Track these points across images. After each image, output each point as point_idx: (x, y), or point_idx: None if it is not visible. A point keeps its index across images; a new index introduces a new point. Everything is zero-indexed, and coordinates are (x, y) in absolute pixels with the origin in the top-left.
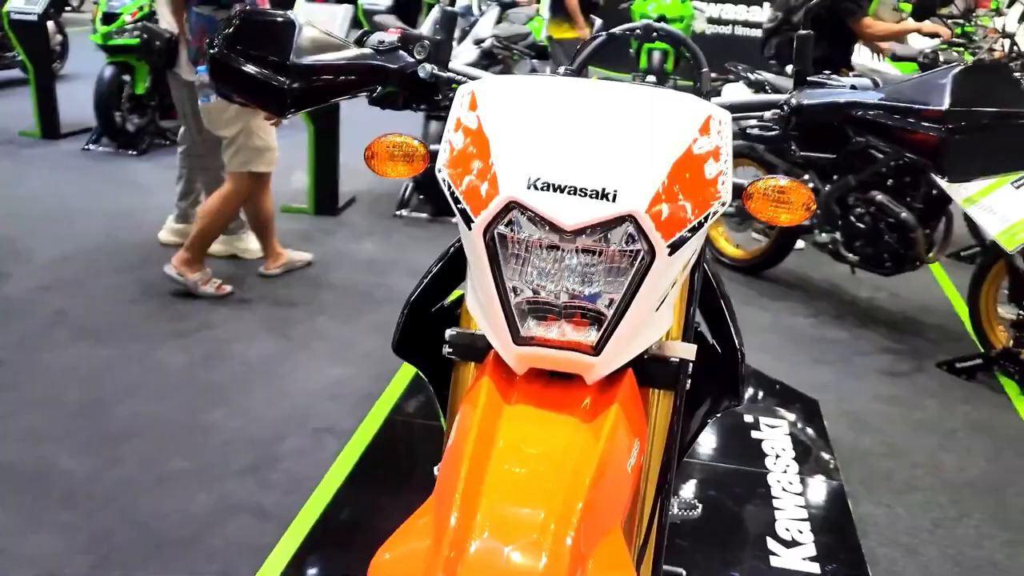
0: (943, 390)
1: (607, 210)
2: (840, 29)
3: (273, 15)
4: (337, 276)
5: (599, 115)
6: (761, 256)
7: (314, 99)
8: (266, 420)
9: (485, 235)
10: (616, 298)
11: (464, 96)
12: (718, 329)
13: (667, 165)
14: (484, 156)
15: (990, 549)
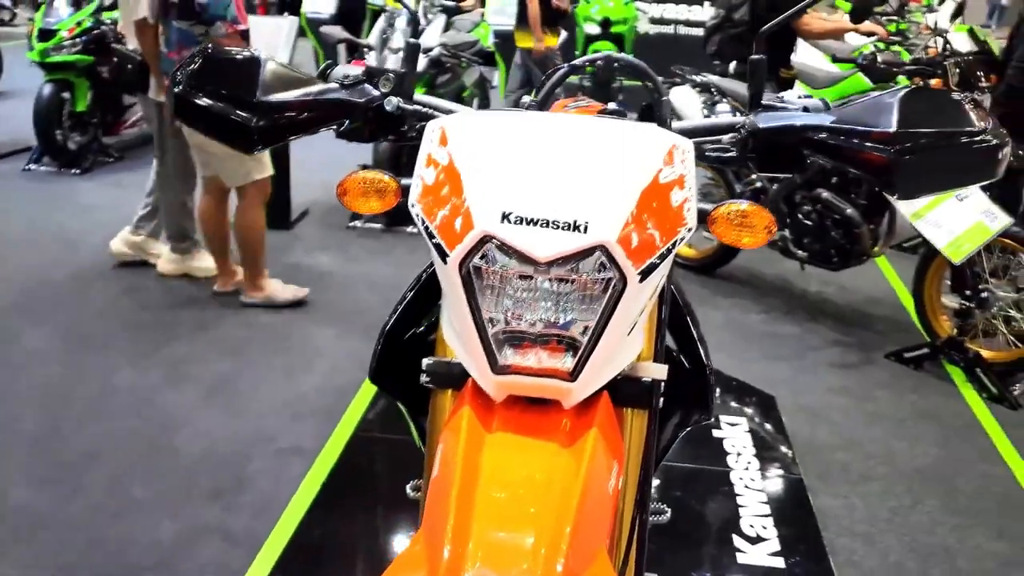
0: (892, 380)
1: (579, 241)
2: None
3: (236, 52)
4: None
5: (567, 149)
6: (713, 255)
7: (281, 135)
8: (230, 441)
9: (461, 268)
10: (590, 325)
11: (434, 132)
12: (684, 344)
13: (635, 195)
14: (457, 191)
15: (942, 534)
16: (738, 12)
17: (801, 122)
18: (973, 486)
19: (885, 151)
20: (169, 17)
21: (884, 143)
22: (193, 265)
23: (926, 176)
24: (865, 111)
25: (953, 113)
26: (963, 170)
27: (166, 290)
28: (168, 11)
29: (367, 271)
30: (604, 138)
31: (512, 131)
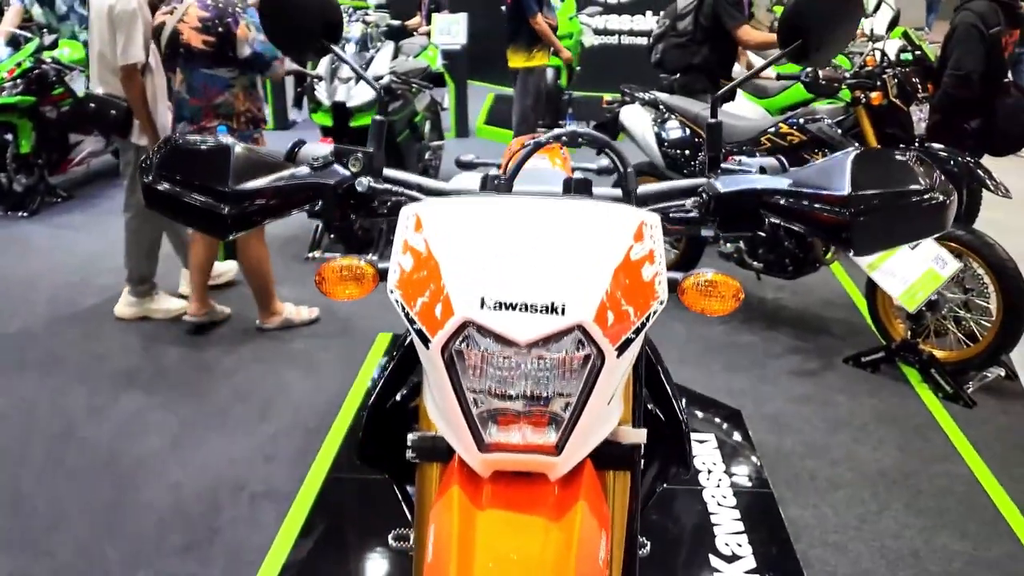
0: (851, 384)
1: (557, 323)
2: (720, 37)
3: (204, 142)
4: (250, 329)
5: (540, 232)
6: (673, 267)
7: (254, 221)
8: (199, 491)
9: (443, 353)
10: (572, 400)
11: (409, 218)
12: (659, 400)
13: (608, 274)
14: (435, 278)
15: (910, 537)
16: (682, 22)
17: (760, 185)
18: (935, 486)
19: (840, 213)
20: (192, 65)
21: (839, 206)
22: (152, 307)
23: (880, 234)
24: (819, 174)
25: (901, 173)
26: (914, 227)
27: (123, 335)
28: (190, 60)
29: (327, 303)
30: (575, 220)
31: (485, 217)
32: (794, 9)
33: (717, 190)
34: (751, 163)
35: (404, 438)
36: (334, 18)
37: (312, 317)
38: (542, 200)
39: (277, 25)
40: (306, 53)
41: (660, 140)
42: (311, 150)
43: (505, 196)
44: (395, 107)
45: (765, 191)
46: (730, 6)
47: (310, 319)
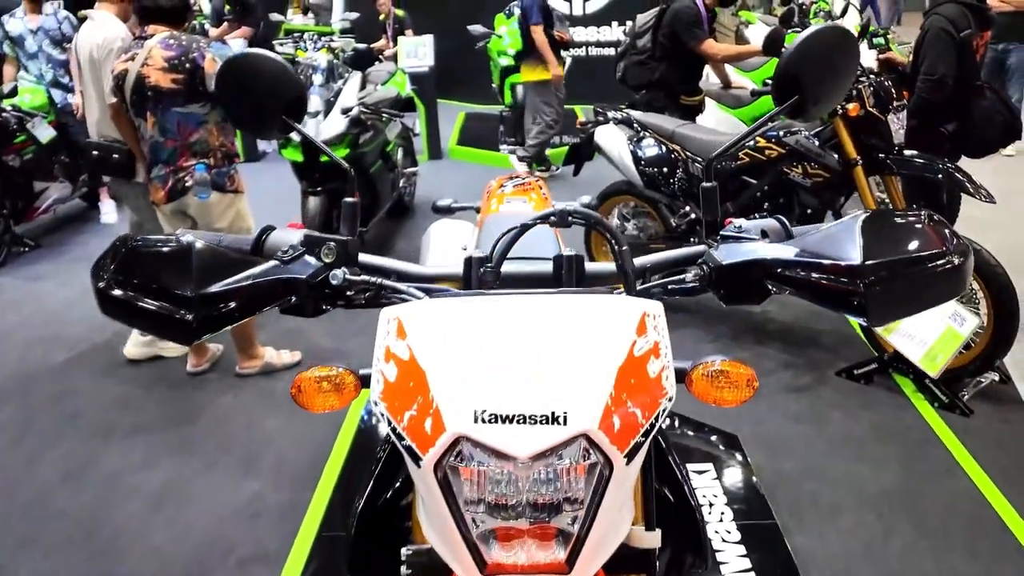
0: (846, 399)
1: (559, 434)
2: (679, 55)
3: (164, 243)
4: (229, 375)
5: (534, 334)
6: None
7: (222, 323)
8: (184, 557)
9: (436, 472)
10: (580, 514)
11: (390, 323)
12: (669, 482)
13: (611, 375)
14: (422, 389)
15: (919, 562)
16: (641, 40)
17: (764, 255)
18: (940, 504)
19: (853, 284)
20: (163, 105)
21: (852, 276)
22: (162, 345)
23: (896, 303)
24: (827, 240)
25: (914, 236)
26: (931, 293)
27: (98, 390)
28: (160, 100)
29: (306, 345)
30: (571, 318)
31: (473, 320)
32: (788, 64)
33: (718, 262)
34: (751, 227)
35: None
36: (296, 93)
37: (294, 360)
38: (533, 298)
39: (236, 105)
40: (268, 132)
41: (637, 159)
42: (280, 239)
43: (492, 297)
44: (366, 138)
45: (769, 261)
46: (689, 25)
47: (292, 362)
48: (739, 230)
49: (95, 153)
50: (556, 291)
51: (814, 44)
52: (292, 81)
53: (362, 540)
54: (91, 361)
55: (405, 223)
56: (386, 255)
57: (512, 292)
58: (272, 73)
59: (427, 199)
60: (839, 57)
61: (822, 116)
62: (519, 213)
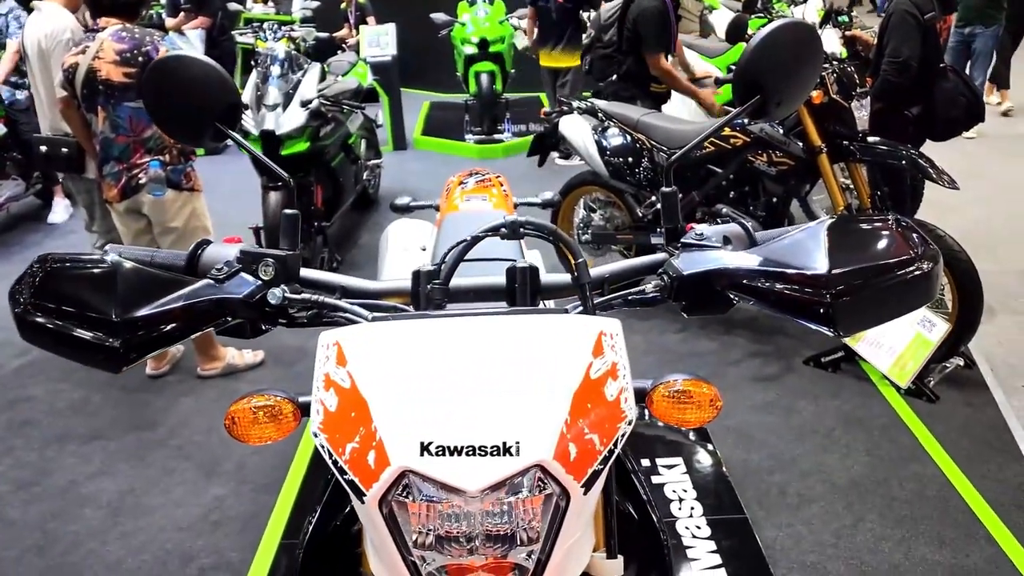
0: (813, 387)
1: (512, 466)
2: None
3: (87, 263)
4: (190, 377)
5: (483, 359)
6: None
7: (151, 348)
8: (144, 568)
9: (381, 508)
10: (535, 548)
11: (329, 348)
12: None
13: (566, 401)
14: (364, 420)
15: (888, 551)
16: (607, 33)
17: (728, 265)
18: (908, 491)
19: (820, 295)
20: (115, 100)
21: (819, 287)
22: None
23: (864, 313)
24: (792, 248)
25: (881, 243)
26: (900, 302)
27: (52, 396)
28: (112, 95)
29: (272, 345)
30: (523, 340)
31: (418, 344)
32: (748, 62)
33: (680, 271)
34: (714, 233)
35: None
36: (230, 99)
37: (256, 361)
38: (482, 320)
39: (164, 111)
40: (200, 140)
41: (602, 149)
42: (216, 254)
43: (438, 319)
44: (327, 131)
45: (732, 271)
46: (656, 32)
47: (255, 363)
48: (700, 237)
49: (43, 148)
50: (507, 311)
51: (775, 42)
52: (225, 86)
53: (311, 564)
54: (45, 366)
55: (370, 215)
56: (350, 249)
57: (460, 312)
58: (203, 78)
59: (392, 191)
60: (802, 55)
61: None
62: (479, 211)
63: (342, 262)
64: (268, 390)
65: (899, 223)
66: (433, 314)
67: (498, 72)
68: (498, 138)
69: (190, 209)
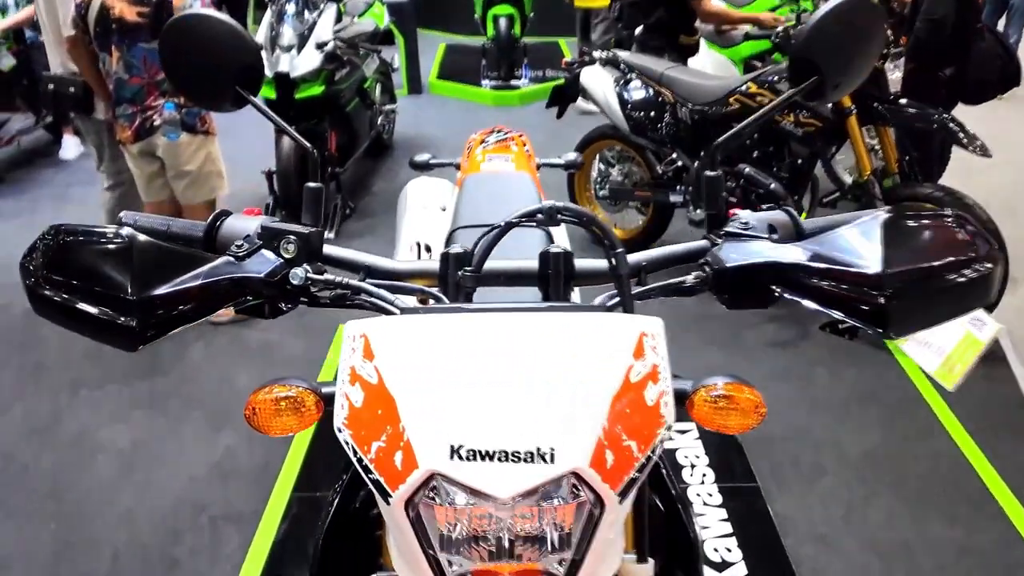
0: (830, 356)
1: (545, 473)
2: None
3: (101, 236)
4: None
5: (516, 358)
6: (640, 234)
7: (170, 327)
8: (155, 518)
9: (407, 510)
10: (567, 556)
11: (356, 340)
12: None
13: (604, 406)
14: (392, 418)
15: (900, 528)
16: None
17: (773, 257)
18: (922, 467)
19: (872, 295)
20: (129, 40)
21: (872, 287)
22: None
23: (918, 316)
24: (843, 242)
25: (939, 241)
26: (957, 303)
27: (65, 341)
28: (126, 35)
29: None
30: (561, 339)
31: (449, 340)
32: (807, 40)
33: (722, 263)
34: (758, 221)
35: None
36: (252, 62)
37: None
38: (518, 317)
39: (181, 68)
40: (219, 104)
41: (623, 102)
42: (235, 227)
43: (471, 314)
44: (342, 75)
45: (777, 265)
46: None
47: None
48: (745, 226)
49: (50, 87)
50: (543, 306)
51: (837, 19)
52: (246, 46)
53: (330, 549)
54: None
55: (383, 162)
56: (364, 196)
57: (493, 307)
58: (222, 37)
59: (406, 137)
60: (864, 34)
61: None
62: (500, 172)
63: (355, 209)
64: (289, 379)
65: (959, 219)
66: (465, 308)
67: (517, 15)
68: (515, 84)
69: (204, 153)
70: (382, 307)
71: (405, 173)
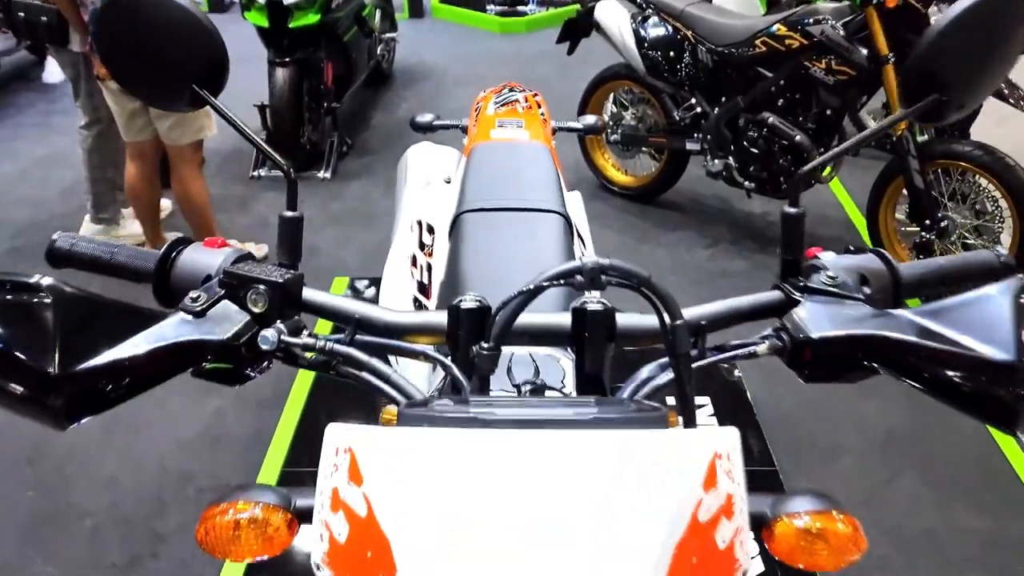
0: None
1: None
2: None
3: (14, 286)
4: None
5: (554, 494)
6: (653, 182)
7: (106, 406)
8: (139, 489)
9: None
10: None
11: (340, 455)
12: None
13: (666, 558)
14: (385, 565)
15: (925, 514)
16: None
17: (873, 331)
18: (949, 448)
19: (1003, 389)
20: None
21: (1002, 379)
22: (120, 234)
23: None
24: (964, 315)
25: None
26: None
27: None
28: None
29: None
30: (608, 472)
31: (462, 465)
32: (930, 51)
33: (806, 331)
34: (847, 271)
35: None
36: (213, 56)
37: (260, 255)
38: (550, 439)
39: (122, 59)
40: (172, 104)
41: (640, 40)
42: (193, 262)
43: (489, 431)
44: (339, 2)
45: (882, 341)
46: None
47: (259, 257)
48: (833, 282)
49: (20, 15)
50: (588, 418)
51: (967, 25)
52: (206, 37)
53: None
54: (38, 251)
55: (383, 93)
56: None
57: (516, 414)
58: (176, 24)
59: (407, 65)
60: (1000, 39)
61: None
62: (513, 141)
63: (352, 146)
64: (252, 491)
65: None
66: (482, 418)
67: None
68: (522, 10)
69: None
70: (374, 385)
71: (406, 105)
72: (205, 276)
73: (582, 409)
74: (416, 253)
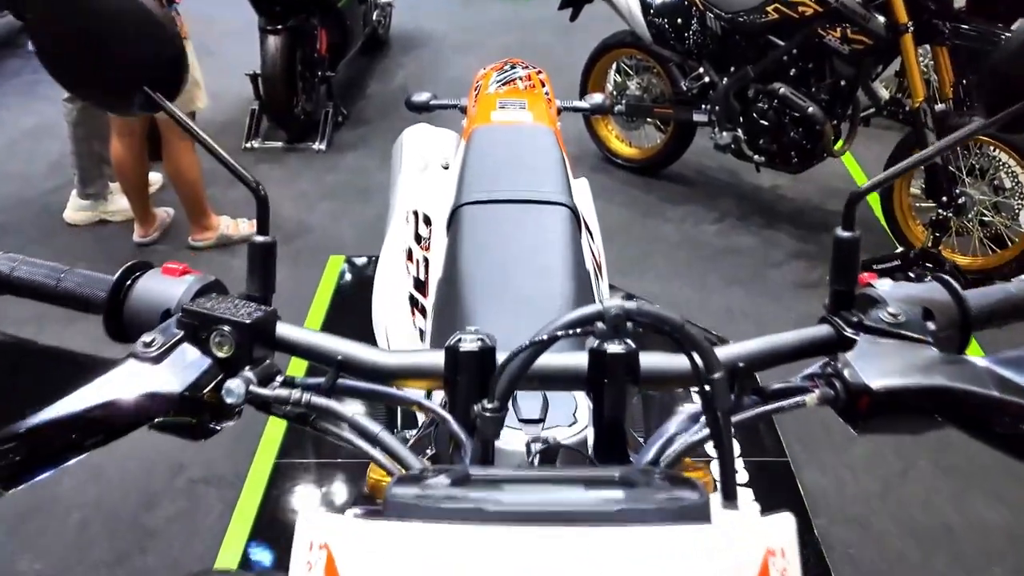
0: None
1: None
2: None
3: None
4: (181, 246)
5: None
6: (658, 154)
7: (41, 470)
8: (128, 480)
9: None
10: None
11: (314, 550)
12: None
13: None
14: None
15: (940, 507)
16: None
17: (941, 382)
18: (965, 439)
19: None
20: None
21: None
22: (109, 209)
23: None
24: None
25: None
26: None
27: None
28: None
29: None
30: None
31: (459, 567)
32: (1015, 54)
33: (860, 380)
34: (908, 304)
35: None
36: (168, 55)
37: (253, 231)
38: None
39: (58, 54)
40: (121, 108)
41: (646, 7)
42: (150, 292)
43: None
44: None
45: (950, 392)
46: None
47: (250, 234)
48: (894, 321)
49: None
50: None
51: None
52: (160, 32)
53: None
54: (24, 227)
55: (379, 61)
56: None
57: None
58: (124, 16)
59: (404, 32)
60: None
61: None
62: (516, 124)
63: (348, 116)
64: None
65: None
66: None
67: None
68: None
69: None
70: (358, 446)
71: (403, 73)
72: (164, 311)
73: (605, 493)
74: (412, 247)
